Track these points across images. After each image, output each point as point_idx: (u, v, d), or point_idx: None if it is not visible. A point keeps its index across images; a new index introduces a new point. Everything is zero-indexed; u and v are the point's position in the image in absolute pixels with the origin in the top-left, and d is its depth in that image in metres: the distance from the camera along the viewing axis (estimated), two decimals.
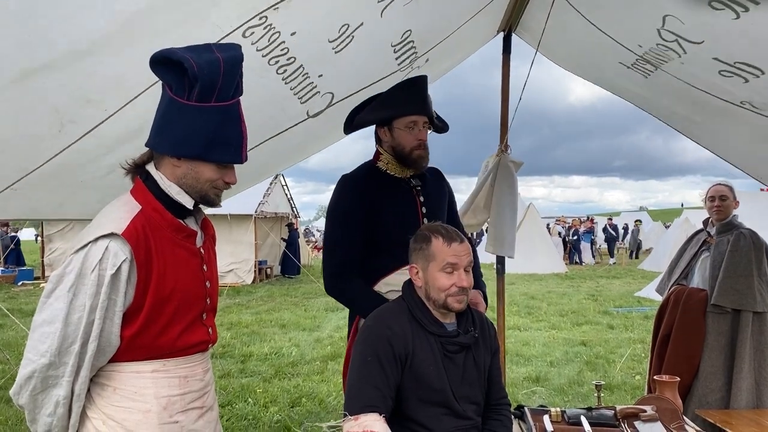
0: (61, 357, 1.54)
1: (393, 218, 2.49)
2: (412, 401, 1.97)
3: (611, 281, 16.27)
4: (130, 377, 1.66)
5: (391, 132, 2.53)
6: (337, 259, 2.50)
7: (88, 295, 1.54)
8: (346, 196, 2.54)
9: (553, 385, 6.12)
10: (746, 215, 4.25)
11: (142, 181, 1.72)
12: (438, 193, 2.70)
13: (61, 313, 1.52)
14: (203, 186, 1.72)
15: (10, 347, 7.69)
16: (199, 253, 1.80)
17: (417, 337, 1.99)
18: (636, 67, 2.87)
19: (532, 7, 3.41)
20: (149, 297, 1.63)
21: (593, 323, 9.72)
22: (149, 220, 1.65)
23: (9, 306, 10.18)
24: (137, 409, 1.66)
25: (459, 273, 1.99)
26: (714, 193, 3.86)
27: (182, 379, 1.74)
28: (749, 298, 3.62)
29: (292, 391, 5.90)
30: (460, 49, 4.01)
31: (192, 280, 1.75)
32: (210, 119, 1.62)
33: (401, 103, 2.51)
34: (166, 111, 1.62)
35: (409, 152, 2.51)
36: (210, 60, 1.57)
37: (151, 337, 1.66)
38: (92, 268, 1.54)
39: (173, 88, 1.59)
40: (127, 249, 1.58)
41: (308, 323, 9.78)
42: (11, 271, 16.59)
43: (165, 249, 1.67)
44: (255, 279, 15.56)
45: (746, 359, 3.60)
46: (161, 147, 1.67)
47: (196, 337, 1.77)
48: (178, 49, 1.56)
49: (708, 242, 3.94)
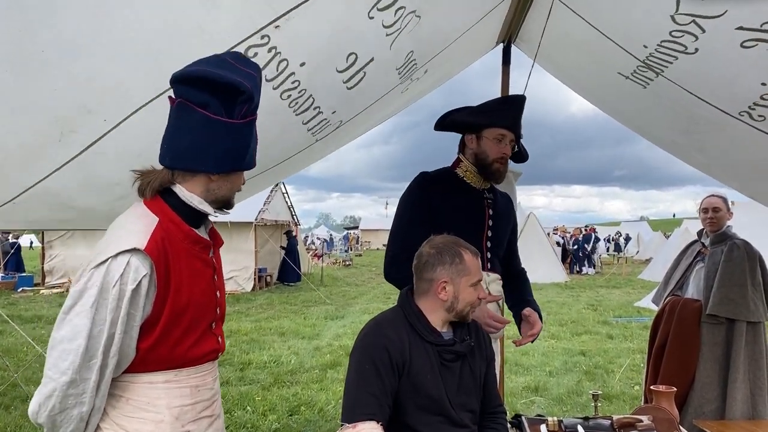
0: (83, 374, 1.53)
1: (459, 219, 2.53)
2: (410, 409, 1.99)
3: (611, 291, 16.26)
4: (143, 388, 1.66)
5: (479, 140, 2.62)
6: (397, 246, 2.61)
7: (109, 309, 1.54)
8: (415, 190, 2.66)
9: (552, 394, 6.12)
10: (742, 225, 4.28)
11: (159, 194, 1.71)
12: (505, 214, 2.77)
13: (84, 329, 1.51)
14: (231, 193, 1.76)
15: (10, 354, 7.70)
16: (212, 263, 1.81)
17: (414, 345, 2.01)
18: (635, 76, 2.85)
19: (530, 18, 3.44)
20: (166, 310, 1.63)
21: (593, 333, 9.72)
22: (167, 233, 1.65)
23: (9, 312, 10.20)
24: (150, 420, 1.66)
25: (480, 286, 2.09)
26: (707, 205, 3.90)
27: (193, 389, 1.75)
28: (743, 308, 3.64)
29: (291, 400, 5.90)
30: (459, 59, 4.04)
31: (205, 291, 1.76)
32: (249, 133, 1.67)
33: (496, 115, 2.61)
34: (205, 131, 1.61)
35: (491, 162, 2.59)
36: (249, 77, 1.60)
37: (167, 349, 1.66)
38: (114, 283, 1.54)
39: (210, 108, 1.59)
40: (148, 264, 1.58)
41: (307, 331, 9.77)
42: (11, 277, 16.58)
43: (182, 261, 1.67)
44: (255, 286, 15.54)
45: (741, 369, 3.62)
46: (200, 166, 1.66)
47: (207, 347, 1.78)
48: (214, 69, 1.57)
49: (702, 253, 3.97)
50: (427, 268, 2.06)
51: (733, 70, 2.43)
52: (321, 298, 14.05)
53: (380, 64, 2.61)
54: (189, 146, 1.63)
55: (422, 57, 3.09)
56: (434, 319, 2.07)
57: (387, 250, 2.68)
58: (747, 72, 2.38)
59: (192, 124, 1.61)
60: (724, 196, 3.91)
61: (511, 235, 2.87)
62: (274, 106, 2.38)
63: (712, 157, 3.56)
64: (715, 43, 2.29)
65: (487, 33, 3.75)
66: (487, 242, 2.63)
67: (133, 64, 1.83)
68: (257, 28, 1.94)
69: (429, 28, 2.73)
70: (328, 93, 2.64)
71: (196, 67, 1.58)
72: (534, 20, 3.43)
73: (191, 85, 1.58)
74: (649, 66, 2.66)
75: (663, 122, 3.41)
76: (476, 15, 3.15)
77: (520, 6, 3.36)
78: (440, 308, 2.06)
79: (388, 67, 2.81)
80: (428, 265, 2.06)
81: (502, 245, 2.74)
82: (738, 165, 3.45)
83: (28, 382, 6.34)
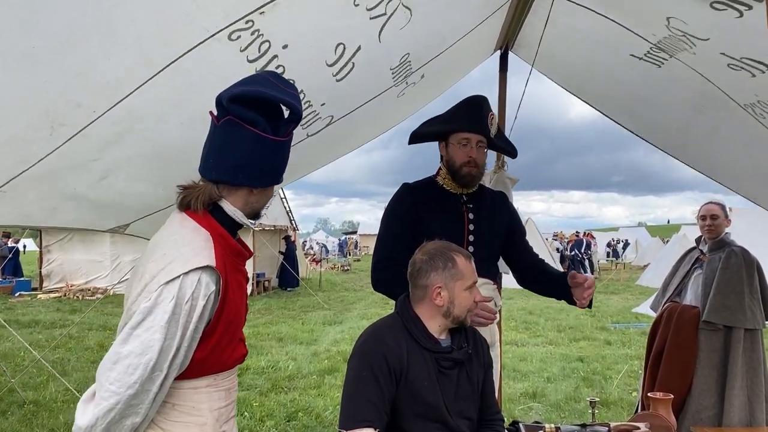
0: (146, 386, 1.56)
1: (437, 229, 2.52)
2: (407, 416, 2.00)
3: (609, 297, 16.26)
4: (188, 393, 1.71)
5: (447, 147, 2.66)
6: (381, 255, 2.66)
7: (180, 324, 1.58)
8: (398, 202, 2.72)
9: (550, 401, 6.12)
10: (741, 232, 4.29)
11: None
12: (493, 215, 2.76)
13: (157, 344, 1.55)
14: (264, 205, 1.84)
15: (7, 359, 7.67)
16: (245, 273, 1.88)
17: (412, 352, 2.02)
18: (650, 56, 2.82)
19: (529, 23, 3.45)
20: (222, 322, 1.70)
21: (591, 339, 9.71)
22: (221, 248, 1.71)
23: (6, 317, 10.17)
24: (195, 423, 1.72)
25: (476, 289, 2.09)
26: (705, 212, 3.91)
27: (227, 391, 1.82)
28: (740, 315, 3.65)
29: (289, 405, 5.89)
30: (456, 67, 4.06)
31: (243, 302, 1.84)
32: (288, 149, 1.79)
33: (457, 120, 2.64)
34: (254, 148, 1.69)
35: (458, 167, 2.61)
36: (295, 97, 1.72)
37: (214, 359, 1.73)
38: (186, 300, 1.59)
39: (259, 126, 1.66)
40: (216, 279, 1.66)
41: (306, 337, 9.76)
42: (8, 281, 16.53)
43: (231, 274, 1.73)
44: (253, 291, 15.51)
45: (738, 376, 3.62)
46: (245, 181, 1.74)
47: (238, 352, 1.85)
48: (265, 88, 1.66)
49: (701, 260, 3.98)
50: (420, 275, 2.06)
51: (727, 78, 2.46)
52: (319, 304, 14.03)
53: (369, 53, 2.58)
54: (237, 162, 1.70)
55: (418, 60, 3.10)
56: (432, 326, 2.07)
57: (372, 260, 2.73)
58: (740, 84, 2.42)
59: (241, 141, 1.68)
60: (722, 204, 3.92)
61: (514, 232, 2.86)
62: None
63: (717, 149, 3.53)
64: (706, 57, 2.33)
65: (485, 40, 3.77)
66: (468, 246, 2.62)
67: (122, 56, 1.84)
68: (241, 15, 1.93)
69: (423, 28, 2.73)
70: (318, 86, 2.62)
71: (250, 88, 1.66)
72: (532, 25, 3.44)
73: (244, 104, 1.65)
74: (662, 48, 2.66)
75: (676, 102, 3.33)
76: (473, 19, 3.15)
77: (518, 12, 3.37)
78: (437, 314, 2.06)
79: (379, 61, 2.79)
80: (422, 271, 2.06)
81: (489, 248, 2.73)
82: (741, 160, 3.43)
83: (25, 387, 6.33)
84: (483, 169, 2.70)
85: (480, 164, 2.64)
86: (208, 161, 1.74)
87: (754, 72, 2.18)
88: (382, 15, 2.39)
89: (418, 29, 2.68)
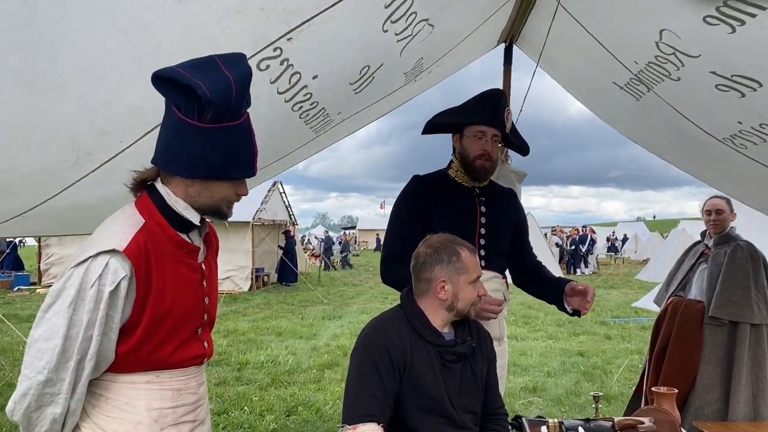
0: (59, 373, 1.51)
1: (450, 220, 2.52)
2: (411, 410, 1.97)
3: (608, 291, 16.26)
4: (123, 387, 1.64)
5: (461, 139, 2.64)
6: (391, 248, 2.65)
7: (86, 310, 1.51)
8: (410, 193, 2.70)
9: (551, 395, 6.11)
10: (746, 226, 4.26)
11: (148, 194, 1.68)
12: (503, 211, 2.76)
13: (62, 329, 1.49)
14: (214, 202, 1.70)
15: (5, 353, 7.65)
16: (200, 269, 1.77)
17: (415, 346, 1.99)
18: (629, 87, 2.86)
19: (534, 19, 3.43)
20: (146, 314, 1.60)
21: (590, 333, 9.72)
22: (151, 235, 1.62)
23: (5, 311, 10.14)
24: (128, 420, 1.64)
25: (480, 283, 2.06)
26: (710, 207, 3.88)
27: (175, 392, 1.72)
28: (746, 310, 3.62)
29: (289, 400, 5.87)
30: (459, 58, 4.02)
31: (191, 297, 1.72)
32: (224, 140, 1.59)
33: (473, 113, 2.63)
34: (177, 132, 1.57)
35: (472, 160, 2.60)
36: (220, 81, 1.51)
37: (146, 353, 1.64)
38: (92, 284, 1.51)
39: (182, 109, 1.54)
40: (128, 266, 1.55)
41: (305, 331, 9.75)
42: (7, 276, 16.49)
43: (165, 265, 1.64)
44: (252, 286, 15.51)
45: (743, 371, 3.60)
46: (172, 168, 1.63)
47: (191, 352, 1.75)
48: (185, 70, 1.49)
49: (706, 254, 3.95)
50: (424, 268, 2.03)
51: (711, 105, 2.45)
52: (318, 298, 14.02)
53: (389, 68, 2.63)
54: (164, 145, 1.62)
55: (429, 61, 3.12)
56: (436, 320, 2.04)
57: (382, 253, 2.71)
58: (724, 110, 2.41)
59: (167, 124, 1.60)
60: (727, 198, 3.89)
61: (519, 230, 2.85)
62: (285, 117, 2.40)
63: (707, 168, 3.56)
64: (693, 79, 2.32)
65: (489, 33, 3.73)
66: (480, 240, 2.62)
67: (149, 86, 1.81)
68: (269, 41, 1.92)
69: (439, 35, 2.75)
70: (338, 101, 2.68)
71: (171, 66, 1.53)
72: (537, 23, 3.42)
73: (162, 83, 1.52)
74: (641, 80, 2.69)
75: (658, 133, 3.41)
76: (481, 17, 3.15)
77: (522, 7, 3.35)
78: (441, 308, 2.03)
79: (396, 71, 2.84)
80: (426, 264, 2.02)
81: (499, 242, 2.72)
82: (735, 179, 3.44)
83: None
84: (496, 163, 2.68)
85: (494, 158, 2.62)
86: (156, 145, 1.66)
87: (744, 91, 2.16)
88: (408, 37, 2.40)
89: (436, 37, 2.69)
